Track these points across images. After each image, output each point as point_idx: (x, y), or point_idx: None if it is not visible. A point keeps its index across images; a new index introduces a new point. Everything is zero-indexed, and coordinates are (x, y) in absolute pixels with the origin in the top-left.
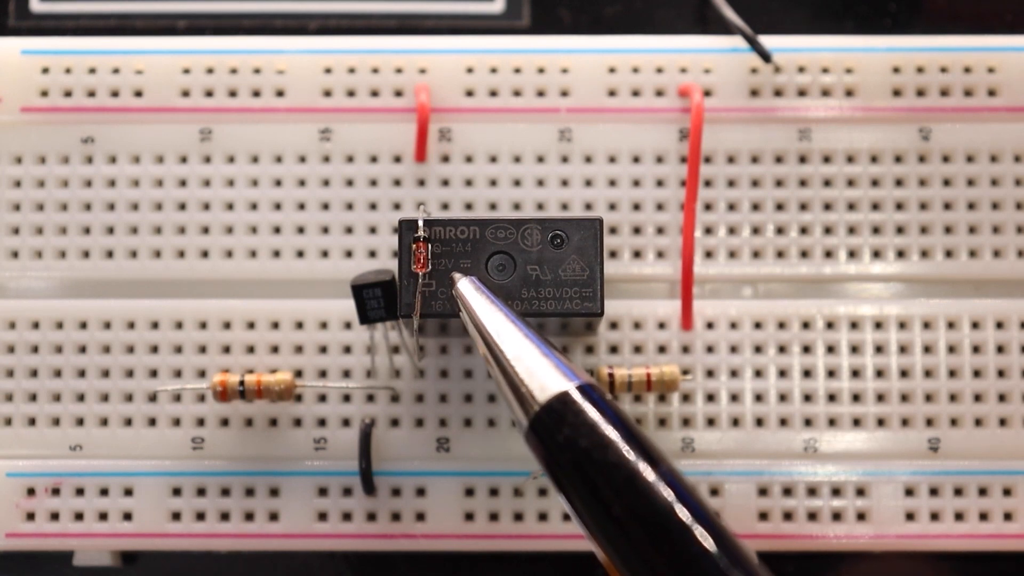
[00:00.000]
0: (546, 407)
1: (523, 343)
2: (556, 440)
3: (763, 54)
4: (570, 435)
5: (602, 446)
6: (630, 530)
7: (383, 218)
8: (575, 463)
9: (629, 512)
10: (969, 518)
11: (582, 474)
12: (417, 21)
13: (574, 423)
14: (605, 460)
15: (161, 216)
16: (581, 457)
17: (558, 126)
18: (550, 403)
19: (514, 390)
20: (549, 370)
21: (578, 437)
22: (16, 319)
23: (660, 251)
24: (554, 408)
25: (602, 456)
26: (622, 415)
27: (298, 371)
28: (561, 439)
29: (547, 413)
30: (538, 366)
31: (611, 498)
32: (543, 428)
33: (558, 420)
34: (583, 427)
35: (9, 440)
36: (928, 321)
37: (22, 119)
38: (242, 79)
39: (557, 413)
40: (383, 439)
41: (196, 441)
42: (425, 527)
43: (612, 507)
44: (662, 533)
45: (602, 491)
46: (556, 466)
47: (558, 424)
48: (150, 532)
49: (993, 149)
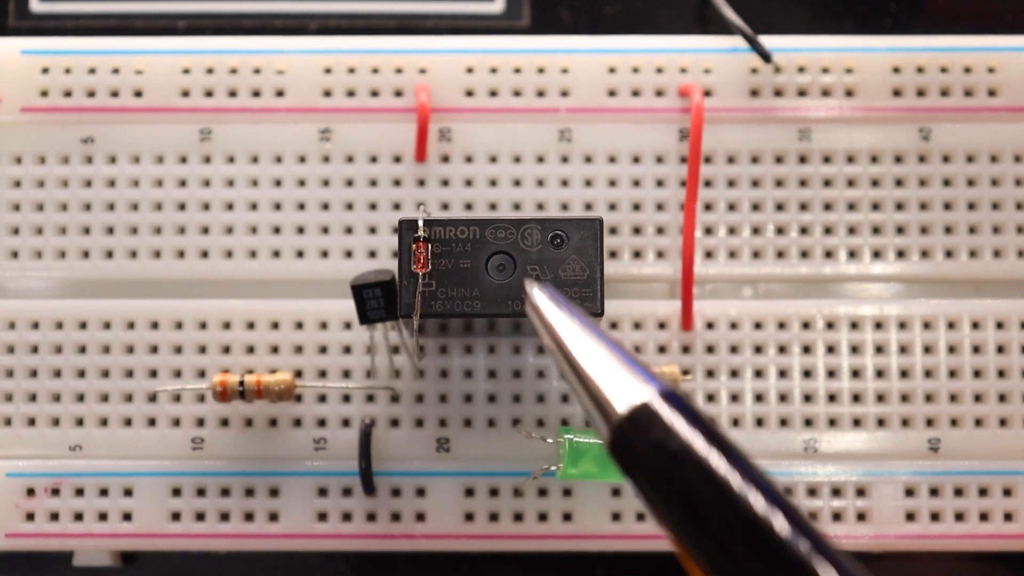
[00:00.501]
0: (629, 417)
1: (601, 351)
2: (641, 451)
3: (763, 54)
4: (655, 444)
5: (690, 453)
6: (726, 541)
7: (383, 218)
8: (662, 473)
9: (723, 522)
10: (969, 518)
11: (671, 484)
12: (417, 21)
13: (660, 431)
14: (695, 468)
15: (161, 216)
16: (669, 467)
17: (558, 126)
18: (634, 412)
19: (595, 401)
20: (629, 378)
21: (665, 445)
22: (16, 319)
23: (660, 251)
24: (639, 417)
25: (692, 464)
26: (707, 421)
27: (298, 371)
28: (646, 449)
29: (630, 423)
30: (618, 375)
31: (703, 508)
32: (627, 439)
33: (642, 429)
34: (669, 435)
35: (9, 440)
36: (928, 321)
37: (22, 119)
38: (242, 79)
39: (642, 422)
40: (383, 439)
41: (196, 441)
42: (425, 527)
43: (706, 517)
44: (759, 543)
45: (693, 501)
46: (643, 478)
47: (642, 434)
48: (150, 532)
49: (993, 149)
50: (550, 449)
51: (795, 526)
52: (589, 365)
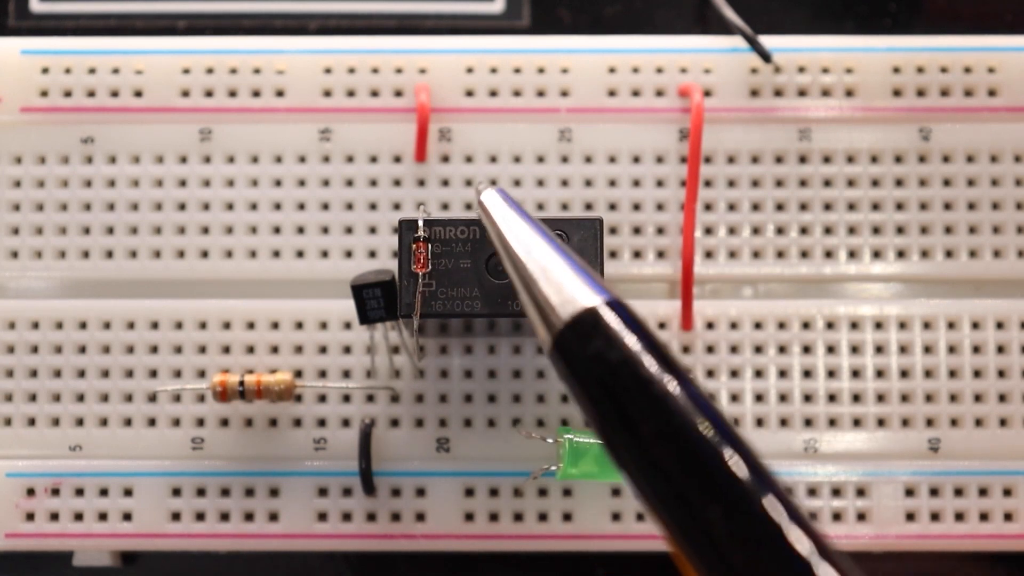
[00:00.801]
0: (571, 323)
1: (549, 256)
2: (582, 356)
3: (763, 54)
4: (597, 351)
5: (631, 362)
6: (658, 448)
7: (383, 218)
8: (601, 380)
9: (657, 430)
10: (969, 518)
11: (609, 391)
12: (417, 21)
13: (603, 338)
14: (634, 376)
15: (161, 216)
16: (608, 373)
17: (558, 126)
18: (578, 317)
19: (537, 305)
20: (577, 284)
21: (606, 353)
22: (16, 319)
23: (660, 251)
24: (581, 323)
25: (631, 372)
26: (651, 332)
27: (298, 371)
28: (587, 355)
29: (573, 329)
30: (565, 280)
31: (639, 416)
32: (568, 344)
33: (585, 336)
34: (612, 342)
35: (9, 440)
36: (928, 321)
37: (22, 119)
38: (242, 79)
39: (584, 328)
40: (383, 439)
41: (196, 441)
42: (425, 527)
43: (640, 425)
44: (691, 451)
45: (630, 409)
46: (581, 383)
47: (585, 340)
48: (150, 532)
49: (993, 149)
50: (550, 449)
51: (723, 436)
52: (536, 270)
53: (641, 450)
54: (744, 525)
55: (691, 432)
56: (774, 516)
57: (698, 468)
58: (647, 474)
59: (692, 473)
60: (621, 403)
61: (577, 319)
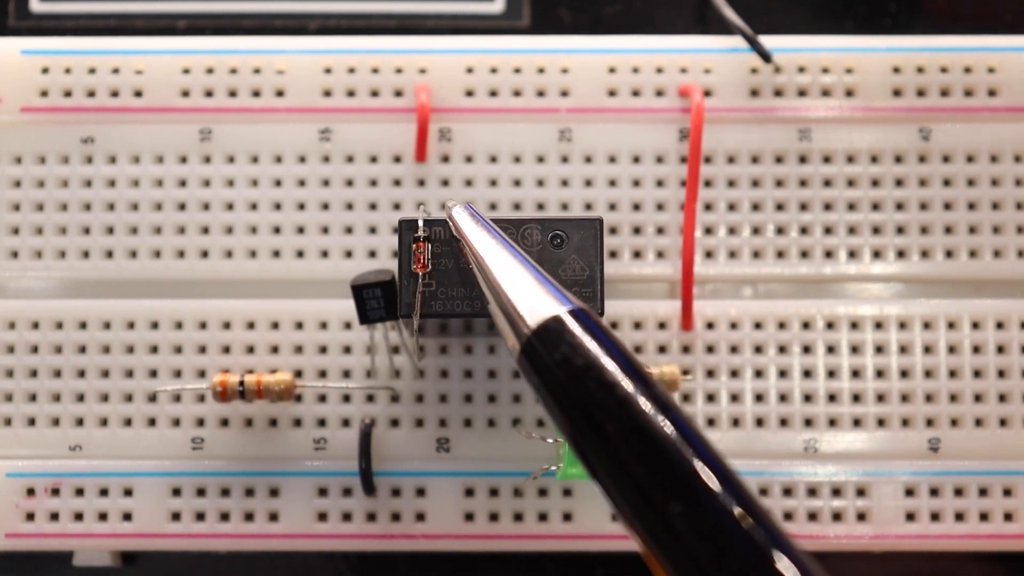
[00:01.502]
0: (538, 330)
1: (516, 268)
2: (548, 363)
3: (763, 54)
4: (563, 357)
5: (595, 367)
6: (622, 450)
7: (383, 218)
8: (566, 383)
9: (621, 433)
10: (969, 518)
11: (574, 396)
12: (417, 21)
13: (568, 345)
14: (599, 381)
15: (161, 216)
16: (572, 377)
17: (558, 126)
18: (543, 326)
19: (506, 314)
20: (541, 294)
21: (571, 359)
22: (16, 319)
23: (660, 251)
24: (547, 330)
25: (595, 377)
26: (615, 339)
27: (298, 371)
28: (553, 362)
29: (539, 336)
30: (530, 290)
31: (604, 418)
32: (534, 351)
33: (551, 343)
34: (576, 349)
35: (9, 440)
36: (928, 321)
37: (22, 119)
38: (242, 79)
39: (550, 336)
40: (383, 439)
41: (196, 441)
42: (425, 527)
43: (605, 426)
44: (654, 453)
45: (595, 412)
46: (548, 388)
47: (550, 347)
48: (150, 532)
49: (993, 149)
50: (550, 449)
51: (686, 438)
52: (505, 282)
53: (606, 450)
54: (703, 519)
55: (653, 431)
56: (733, 510)
57: (660, 465)
58: (612, 473)
59: (654, 470)
60: (586, 405)
61: (542, 327)
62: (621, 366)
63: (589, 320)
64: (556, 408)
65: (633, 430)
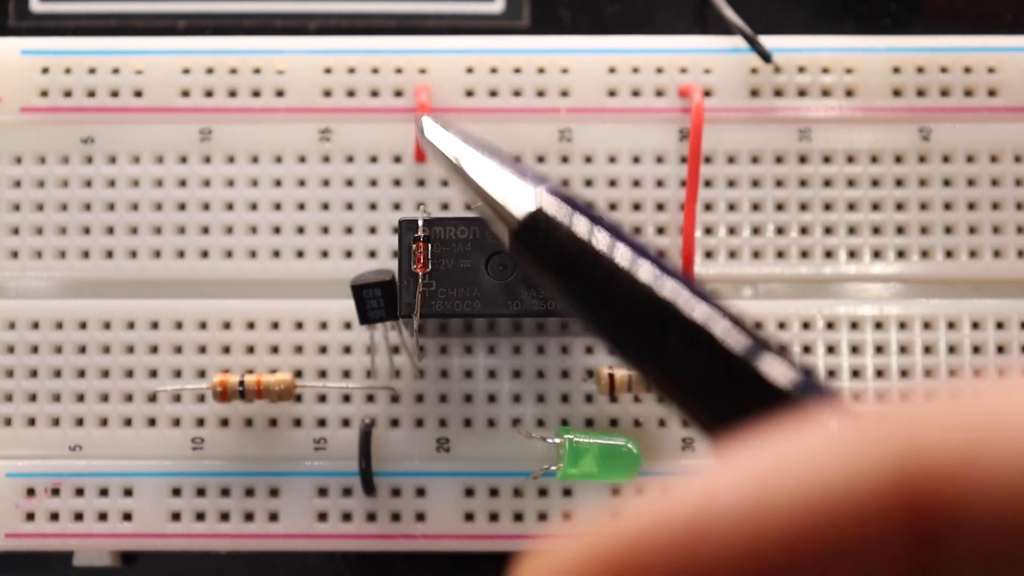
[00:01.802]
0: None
1: (492, 165)
2: (539, 246)
3: (763, 54)
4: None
5: (585, 242)
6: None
7: (383, 218)
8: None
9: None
10: None
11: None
12: (417, 21)
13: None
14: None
15: (161, 216)
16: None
17: (558, 126)
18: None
19: (492, 208)
20: (519, 183)
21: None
22: (16, 319)
23: (660, 251)
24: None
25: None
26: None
27: (298, 371)
28: (543, 244)
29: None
30: (509, 182)
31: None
32: (524, 238)
33: (537, 228)
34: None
35: (9, 440)
36: (928, 321)
37: (22, 119)
38: (242, 79)
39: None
40: (383, 439)
41: (196, 441)
42: (425, 527)
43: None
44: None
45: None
46: (545, 271)
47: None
48: (150, 532)
49: (993, 149)
50: (550, 449)
51: (678, 283)
52: (484, 179)
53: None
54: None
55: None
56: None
57: (652, 306)
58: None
59: (651, 313)
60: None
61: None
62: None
63: (567, 195)
64: (553, 281)
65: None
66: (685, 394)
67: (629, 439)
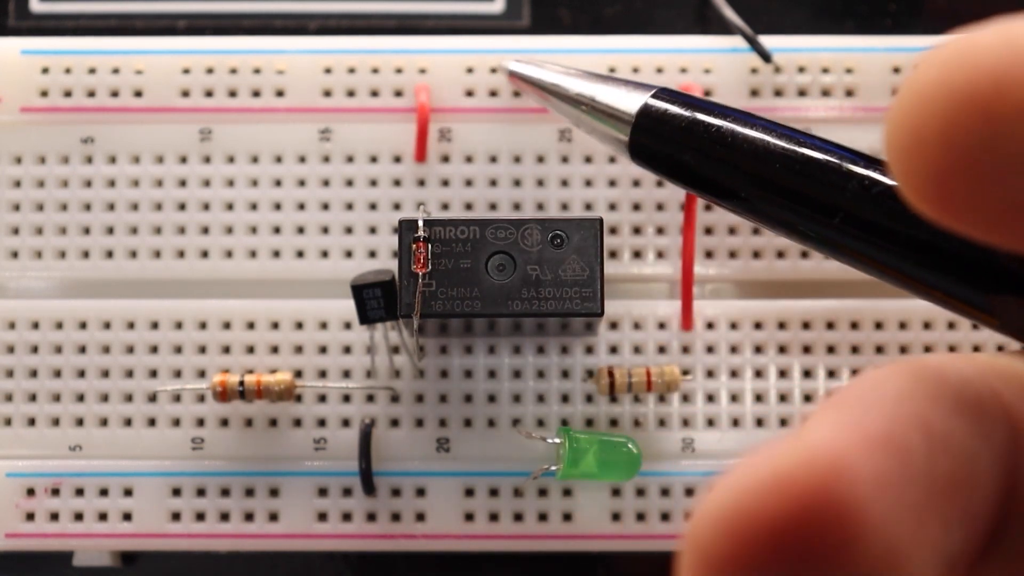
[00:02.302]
0: (638, 120)
1: (589, 84)
2: (660, 135)
3: (763, 54)
4: (669, 126)
5: (701, 124)
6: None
7: (383, 218)
8: (686, 153)
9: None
10: None
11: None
12: (417, 21)
13: (670, 120)
14: (710, 127)
15: (161, 216)
16: (687, 146)
17: (558, 126)
18: (641, 109)
19: (605, 115)
20: (624, 90)
21: (676, 124)
22: (16, 319)
23: (660, 251)
24: (646, 115)
25: (715, 133)
26: (703, 100)
27: (298, 371)
28: (662, 133)
29: (641, 117)
30: (610, 89)
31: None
32: (644, 131)
33: (653, 119)
34: (679, 120)
35: (9, 440)
36: (928, 321)
37: (22, 119)
38: (242, 79)
39: (651, 120)
40: (383, 439)
41: (196, 441)
42: (425, 527)
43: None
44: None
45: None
46: (670, 163)
47: (654, 123)
48: (150, 532)
49: None
50: (550, 449)
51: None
52: (591, 92)
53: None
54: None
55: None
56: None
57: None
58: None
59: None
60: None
61: (641, 113)
62: (728, 118)
63: (676, 94)
64: (682, 176)
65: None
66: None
67: (629, 439)
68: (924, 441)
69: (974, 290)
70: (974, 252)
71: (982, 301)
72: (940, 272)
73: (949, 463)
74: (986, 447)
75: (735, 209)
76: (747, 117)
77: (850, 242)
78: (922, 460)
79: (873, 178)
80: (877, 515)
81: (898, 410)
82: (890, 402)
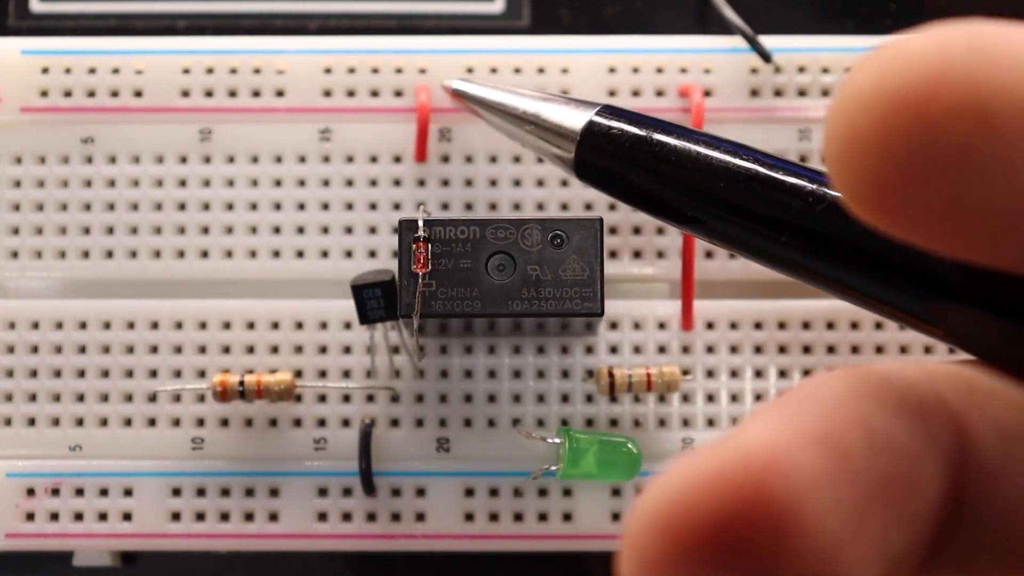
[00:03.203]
0: (583, 134)
1: (533, 103)
2: (605, 151)
3: (763, 54)
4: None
5: (653, 143)
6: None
7: (383, 218)
8: (627, 168)
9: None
10: None
11: (638, 167)
12: (417, 21)
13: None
14: (655, 143)
15: (161, 216)
16: (628, 162)
17: None
18: (586, 126)
19: (550, 133)
20: (568, 110)
21: (619, 145)
22: (16, 319)
23: (660, 251)
24: (589, 135)
25: (659, 151)
26: (645, 117)
27: (298, 371)
28: (607, 149)
29: (586, 135)
30: (556, 108)
31: (675, 173)
32: (589, 147)
33: (597, 142)
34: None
35: (9, 440)
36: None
37: (22, 119)
38: (242, 79)
39: (594, 136)
40: (383, 439)
41: (196, 441)
42: (425, 527)
43: (680, 184)
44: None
45: (664, 172)
46: (613, 181)
47: (599, 148)
48: (150, 532)
49: None
50: (550, 449)
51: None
52: (535, 110)
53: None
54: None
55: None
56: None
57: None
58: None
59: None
60: (648, 164)
61: (585, 131)
62: (673, 135)
63: (618, 111)
64: (630, 194)
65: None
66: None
67: (629, 439)
68: (864, 440)
69: (916, 300)
70: (917, 262)
71: (923, 310)
72: (883, 284)
73: (890, 463)
74: (930, 449)
75: (684, 228)
76: (693, 134)
77: (800, 259)
78: (861, 459)
79: (817, 193)
80: (813, 512)
81: (837, 409)
82: (830, 402)
